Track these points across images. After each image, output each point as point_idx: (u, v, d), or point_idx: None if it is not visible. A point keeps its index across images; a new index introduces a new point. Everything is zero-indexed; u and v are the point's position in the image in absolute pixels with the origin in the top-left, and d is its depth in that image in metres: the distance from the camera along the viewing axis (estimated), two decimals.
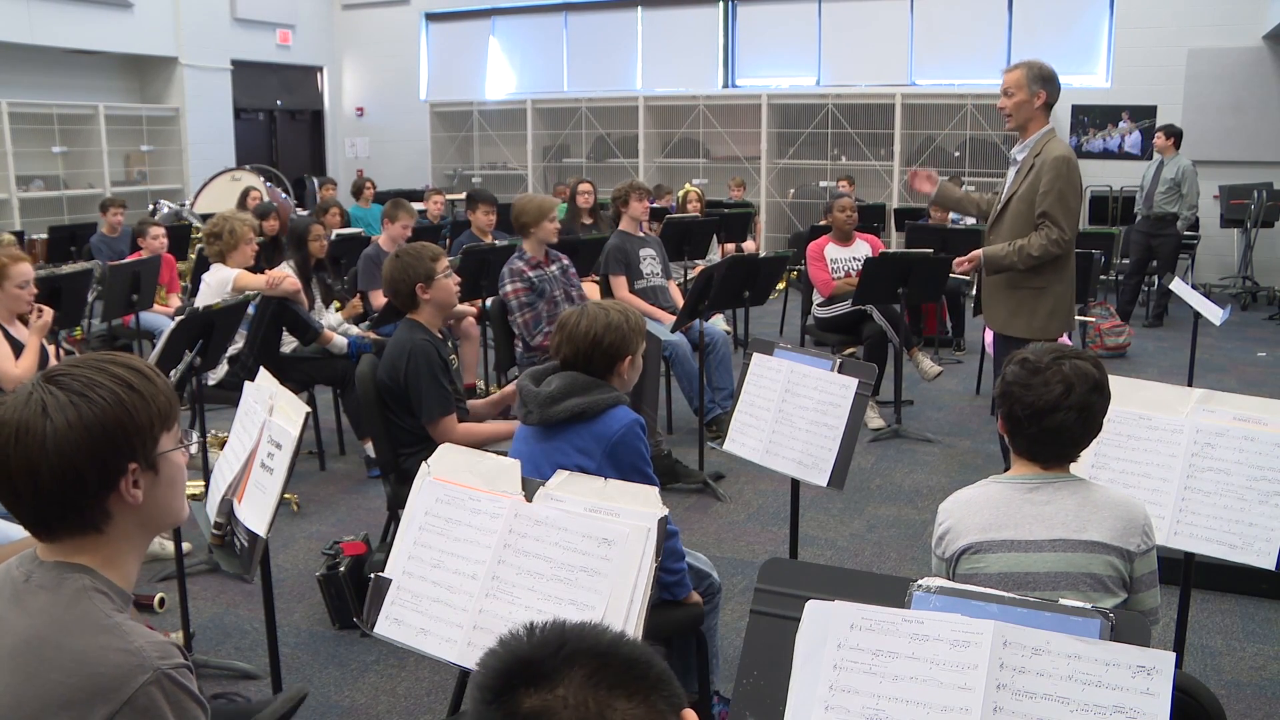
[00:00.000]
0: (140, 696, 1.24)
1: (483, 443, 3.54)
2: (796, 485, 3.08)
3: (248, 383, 2.81)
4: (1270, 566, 2.26)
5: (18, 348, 3.90)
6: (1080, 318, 6.87)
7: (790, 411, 3.02)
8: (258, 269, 5.30)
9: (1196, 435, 2.39)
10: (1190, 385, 3.64)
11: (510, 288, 5.04)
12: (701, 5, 12.97)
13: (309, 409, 2.88)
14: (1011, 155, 4.22)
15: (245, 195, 9.45)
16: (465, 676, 2.55)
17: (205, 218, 8.02)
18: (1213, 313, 5.49)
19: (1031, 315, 4.07)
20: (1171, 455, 2.40)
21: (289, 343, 5.21)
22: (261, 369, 2.85)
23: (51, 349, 4.17)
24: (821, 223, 7.57)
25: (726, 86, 12.97)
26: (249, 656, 3.34)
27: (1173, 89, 10.53)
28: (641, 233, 6.06)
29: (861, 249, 6.37)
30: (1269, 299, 10.24)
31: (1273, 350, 8.13)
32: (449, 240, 8.28)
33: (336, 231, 7.49)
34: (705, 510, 4.68)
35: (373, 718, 3.02)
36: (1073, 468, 2.08)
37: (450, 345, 3.77)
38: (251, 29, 13.29)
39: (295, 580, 3.93)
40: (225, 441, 2.89)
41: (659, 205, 8.63)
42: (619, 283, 5.80)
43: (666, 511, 1.95)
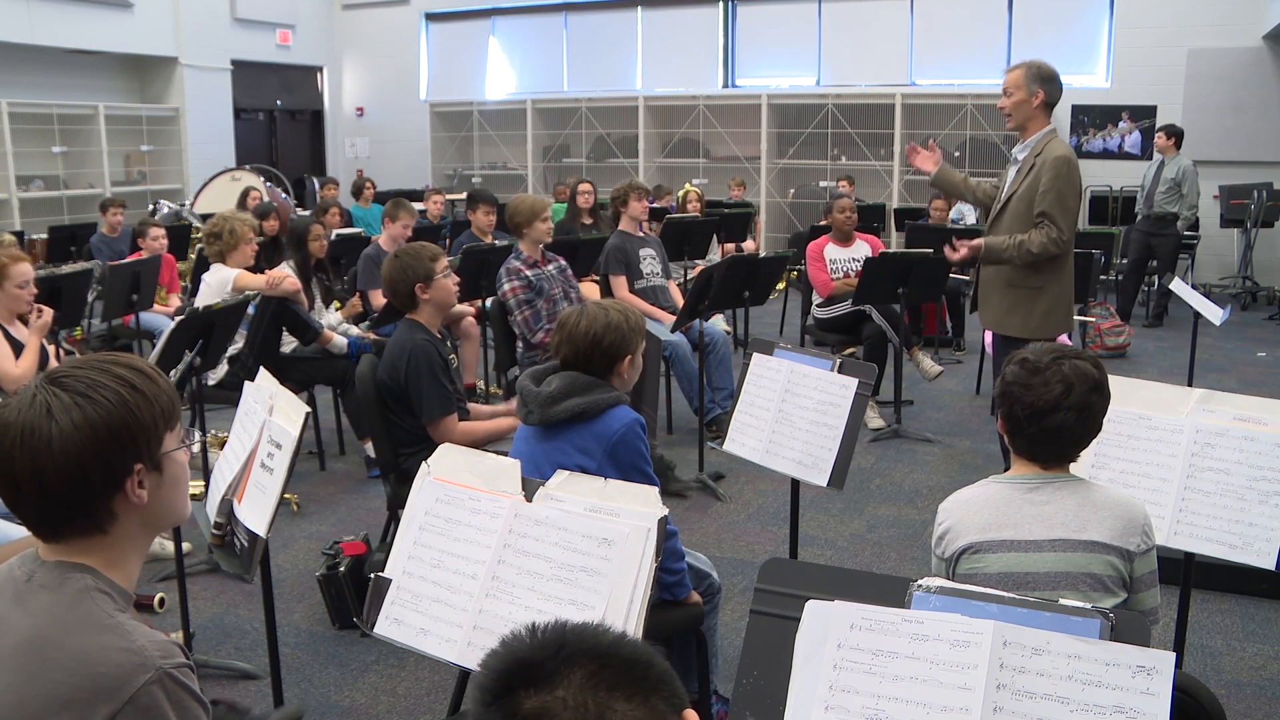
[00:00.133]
0: (142, 696, 1.24)
1: (482, 441, 3.55)
2: (796, 485, 3.09)
3: (248, 383, 2.82)
4: (1270, 566, 2.26)
5: (18, 348, 3.90)
6: (1080, 318, 6.87)
7: (790, 411, 3.02)
8: (258, 269, 5.30)
9: (1196, 435, 2.39)
10: (1190, 385, 3.64)
11: (508, 286, 5.04)
12: (701, 5, 12.96)
13: (309, 409, 2.88)
14: (1012, 155, 4.22)
15: (245, 195, 9.45)
16: (465, 676, 2.56)
17: (205, 218, 8.02)
18: (1213, 313, 5.49)
19: (1028, 315, 4.07)
20: (1171, 455, 2.40)
21: (289, 343, 5.21)
22: (261, 369, 2.85)
23: (51, 349, 4.17)
24: (822, 223, 7.57)
25: (726, 86, 12.97)
26: (249, 656, 3.34)
27: (1173, 89, 10.53)
28: (641, 233, 6.06)
29: (861, 249, 6.37)
30: (1269, 299, 10.24)
31: (1273, 350, 8.13)
32: (449, 240, 8.28)
33: (336, 231, 7.49)
34: (705, 510, 4.68)
35: (373, 718, 3.03)
36: (1073, 468, 2.08)
37: (450, 345, 3.77)
38: (251, 29, 13.29)
39: (295, 580, 3.93)
40: (225, 441, 2.89)
41: (659, 205, 8.62)
42: (619, 283, 5.80)
43: (666, 511, 1.95)
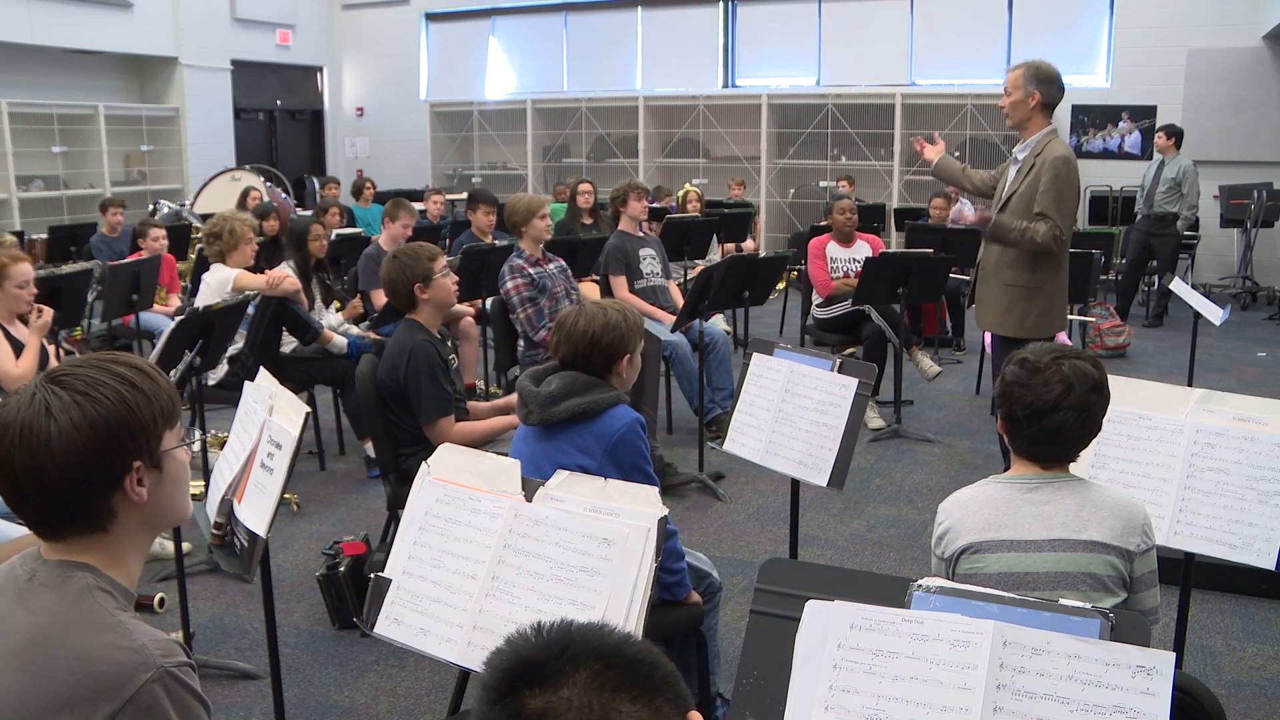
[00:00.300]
0: (143, 694, 1.24)
1: (480, 441, 3.55)
2: (796, 485, 3.09)
3: (248, 383, 2.81)
4: (1270, 566, 2.26)
5: (18, 348, 3.90)
6: (1080, 318, 6.87)
7: (790, 411, 3.02)
8: (258, 269, 5.30)
9: (1196, 435, 2.39)
10: (1190, 385, 3.64)
11: (511, 284, 5.04)
12: (701, 5, 12.96)
13: (309, 409, 2.88)
14: (1012, 154, 4.23)
15: (245, 195, 9.45)
16: (465, 676, 2.56)
17: (205, 218, 8.02)
18: (1213, 313, 5.48)
19: (1025, 315, 4.08)
20: (1171, 455, 2.40)
21: (289, 343, 5.21)
22: (261, 369, 2.85)
23: (51, 349, 4.17)
24: (822, 223, 7.57)
25: (726, 86, 12.96)
26: (249, 656, 3.34)
27: (1173, 89, 10.52)
28: (641, 233, 6.06)
29: (862, 250, 6.37)
30: (1269, 299, 10.24)
31: (1273, 350, 8.13)
32: (449, 240, 8.28)
33: (336, 231, 7.49)
34: (705, 510, 4.68)
35: (373, 718, 3.03)
36: (1073, 468, 2.08)
37: (450, 345, 3.77)
38: (251, 29, 13.29)
39: (295, 580, 3.93)
40: (225, 441, 2.89)
41: (659, 205, 8.62)
42: (619, 283, 5.80)
43: (666, 511, 1.95)
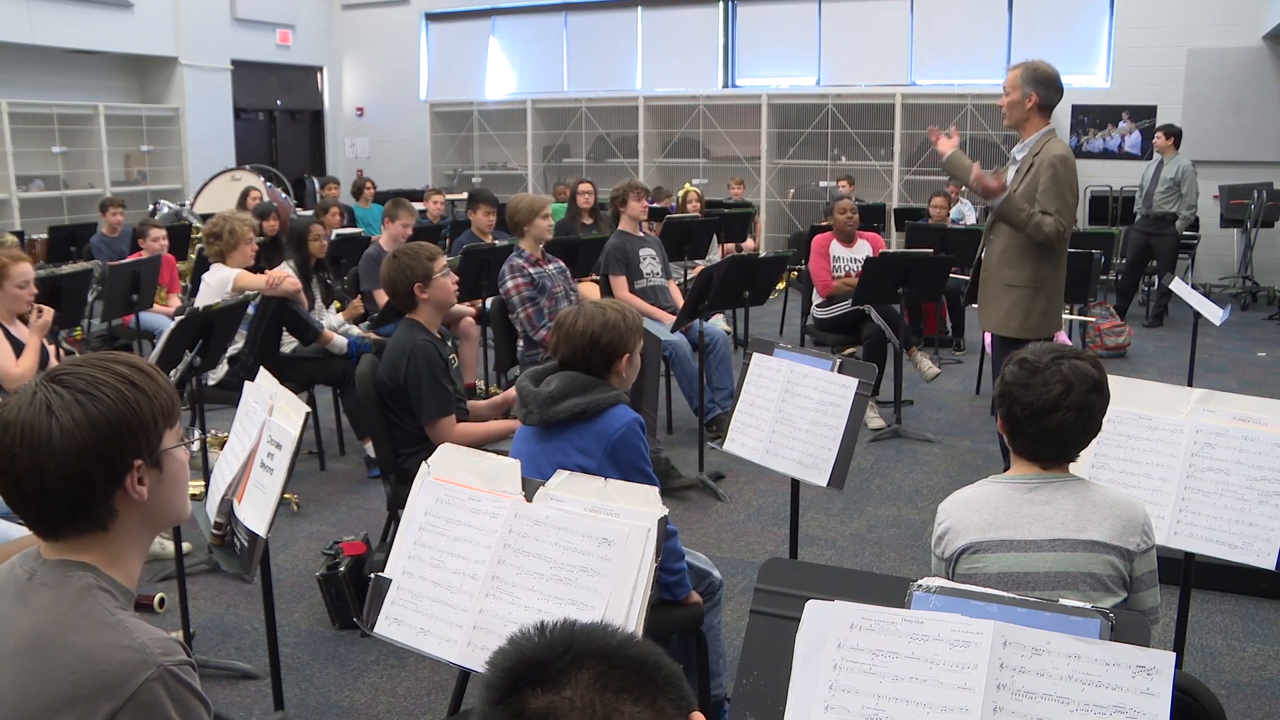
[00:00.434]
0: (143, 693, 1.24)
1: (481, 443, 3.55)
2: (796, 485, 3.09)
3: (248, 383, 2.82)
4: (1270, 566, 2.26)
5: (18, 347, 3.90)
6: (1080, 318, 6.87)
7: (790, 411, 3.02)
8: (258, 269, 5.30)
9: (1196, 435, 2.39)
10: (1190, 385, 3.64)
11: (511, 284, 5.04)
12: (701, 5, 12.96)
13: (309, 409, 2.88)
14: (1012, 154, 4.23)
15: (245, 195, 9.44)
16: (465, 676, 2.56)
17: (205, 218, 8.02)
18: (1213, 313, 5.48)
19: (1025, 315, 4.09)
20: (1171, 455, 2.40)
21: (289, 343, 5.21)
22: (261, 369, 2.85)
23: (52, 349, 4.17)
24: (822, 223, 7.57)
25: (726, 86, 12.96)
26: (249, 656, 3.34)
27: (1173, 89, 10.52)
28: (641, 233, 6.06)
29: (863, 249, 6.37)
30: (1269, 299, 10.24)
31: (1273, 350, 8.13)
32: (449, 240, 8.28)
33: (337, 231, 7.48)
34: (705, 510, 4.68)
35: (373, 718, 3.02)
36: (1073, 467, 2.08)
37: (450, 345, 3.77)
38: (251, 29, 13.29)
39: (295, 580, 3.93)
40: (225, 441, 2.89)
41: (658, 206, 8.62)
42: (619, 283, 5.80)
43: (666, 511, 1.95)
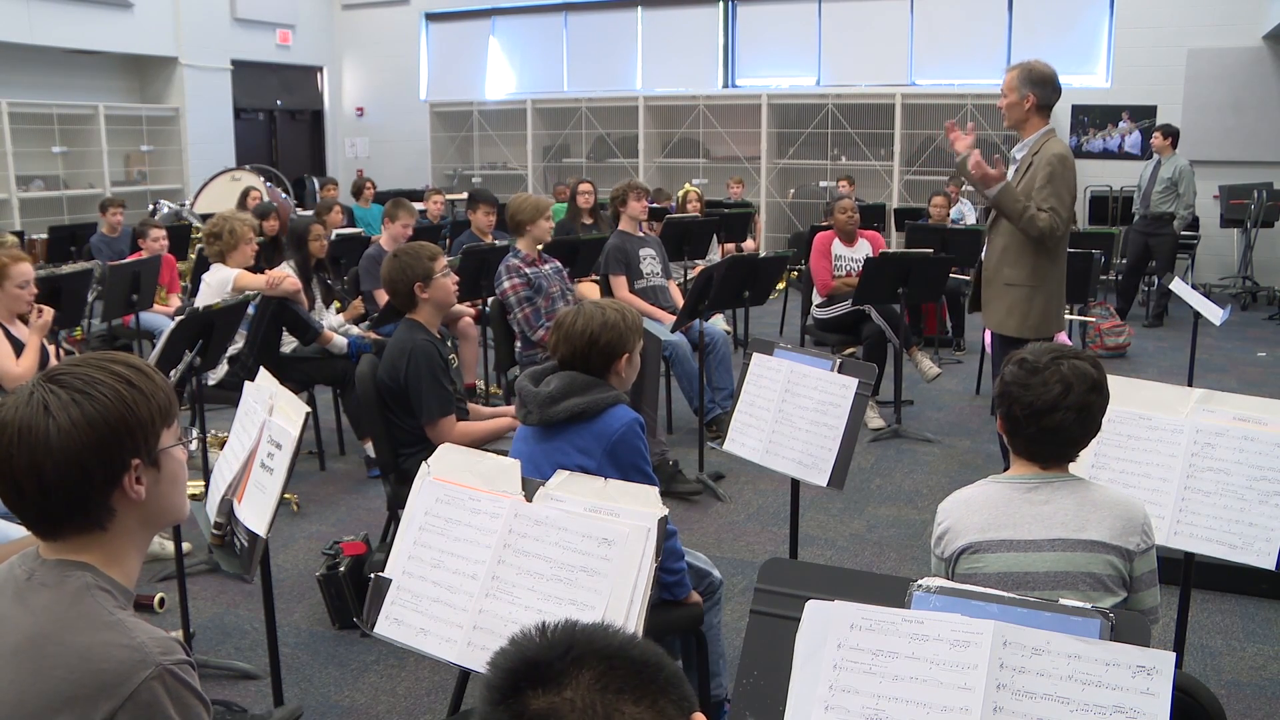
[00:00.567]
0: (143, 692, 1.24)
1: (481, 441, 3.55)
2: (796, 485, 3.08)
3: (248, 383, 2.82)
4: (1270, 566, 2.26)
5: (18, 347, 3.90)
6: (1080, 318, 6.87)
7: (790, 411, 3.02)
8: (258, 269, 5.30)
9: (1196, 435, 2.39)
10: (1190, 385, 3.64)
11: (508, 284, 5.04)
12: (701, 5, 12.96)
13: (309, 409, 2.88)
14: (1011, 154, 4.24)
15: (245, 195, 9.44)
16: (465, 676, 2.56)
17: (205, 218, 8.01)
18: (1213, 313, 5.48)
19: (1024, 314, 4.09)
20: (1171, 455, 2.40)
21: (289, 343, 5.21)
22: (261, 369, 2.85)
23: (52, 349, 4.17)
24: (822, 223, 7.57)
25: (726, 86, 12.96)
26: (249, 656, 3.34)
27: (1173, 89, 10.52)
28: (641, 232, 6.06)
29: (864, 249, 6.37)
30: (1269, 299, 10.24)
31: (1273, 350, 8.13)
32: (449, 240, 8.28)
33: (337, 231, 7.48)
34: (705, 510, 4.68)
35: (373, 718, 3.02)
36: (1072, 467, 2.08)
37: (450, 345, 3.77)
38: (251, 29, 13.29)
39: (295, 580, 3.93)
40: (225, 441, 2.89)
41: (658, 206, 8.62)
42: (619, 283, 5.80)
43: (666, 511, 1.95)
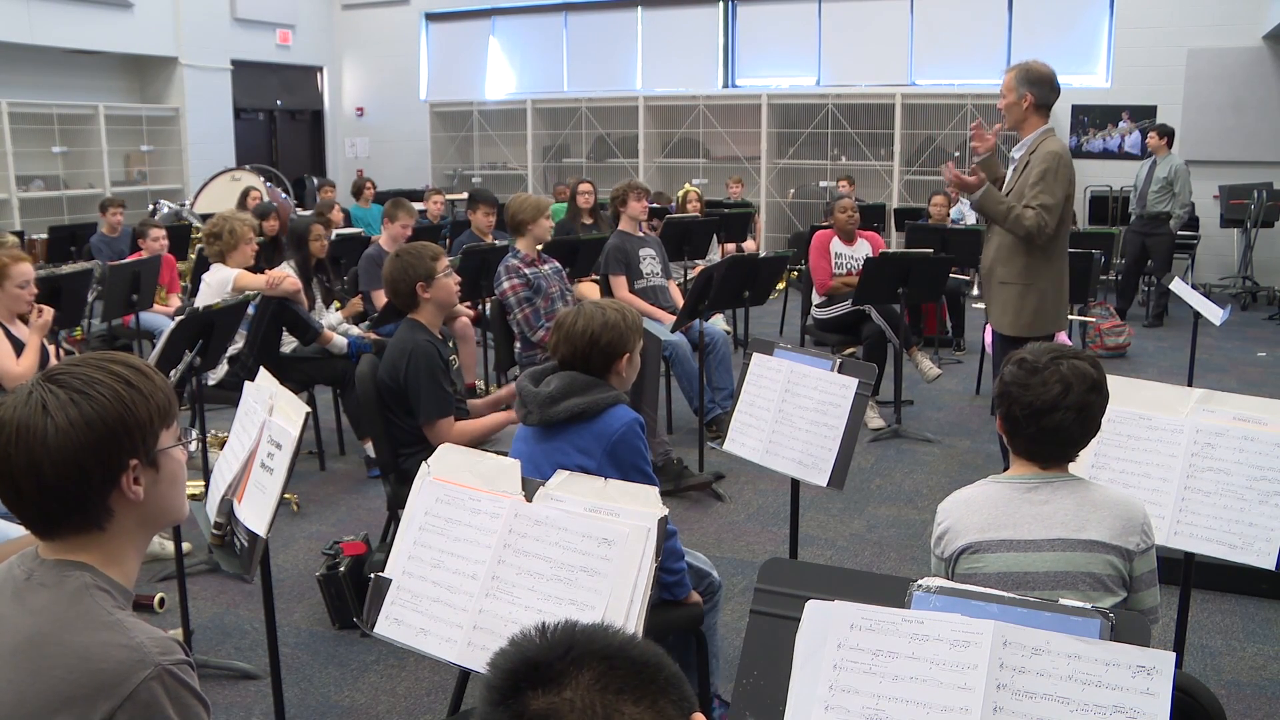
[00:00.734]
0: (142, 692, 1.24)
1: (479, 438, 3.55)
2: (796, 485, 3.08)
3: (248, 383, 2.81)
4: (1270, 566, 2.26)
5: (18, 347, 3.90)
6: (1080, 318, 6.87)
7: (790, 411, 3.02)
8: (258, 269, 5.30)
9: (1196, 435, 2.38)
10: (1190, 385, 3.64)
11: (507, 284, 5.04)
12: (701, 5, 12.96)
13: (309, 409, 2.88)
14: (1010, 154, 4.24)
15: (245, 195, 9.44)
16: (465, 676, 2.56)
17: (205, 218, 8.01)
18: (1213, 313, 5.48)
19: (1018, 313, 4.09)
20: (1171, 455, 2.40)
21: (289, 343, 5.21)
22: (261, 369, 2.85)
23: (52, 349, 4.17)
24: (822, 223, 7.57)
25: (726, 86, 12.96)
26: (249, 656, 3.34)
27: (1173, 89, 10.52)
28: (641, 232, 6.06)
29: (863, 249, 6.37)
30: (1269, 299, 10.23)
31: (1273, 350, 8.13)
32: (449, 240, 8.28)
33: (337, 231, 7.48)
34: (705, 510, 4.68)
35: (373, 718, 3.02)
36: (1072, 467, 2.08)
37: (450, 345, 3.77)
38: (251, 29, 13.29)
39: (295, 580, 3.93)
40: (225, 441, 2.89)
41: (658, 206, 8.62)
42: (619, 283, 5.80)
43: (666, 511, 1.95)
